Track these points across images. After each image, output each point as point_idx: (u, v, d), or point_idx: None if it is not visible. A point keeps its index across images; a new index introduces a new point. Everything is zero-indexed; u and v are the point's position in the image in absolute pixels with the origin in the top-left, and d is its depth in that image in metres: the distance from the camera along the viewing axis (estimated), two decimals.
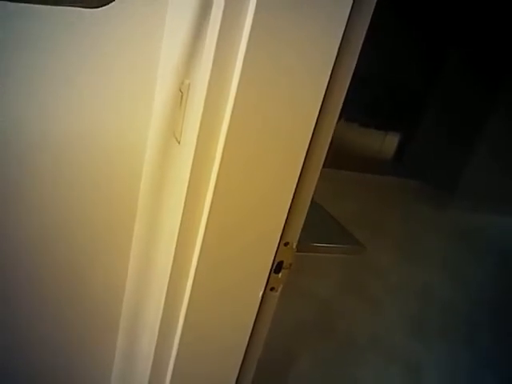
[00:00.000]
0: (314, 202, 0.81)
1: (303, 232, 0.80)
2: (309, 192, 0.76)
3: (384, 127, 5.44)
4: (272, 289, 0.82)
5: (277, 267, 0.80)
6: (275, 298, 0.84)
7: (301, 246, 0.81)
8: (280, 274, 0.81)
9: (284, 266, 0.80)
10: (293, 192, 0.73)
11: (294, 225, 0.77)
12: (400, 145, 5.65)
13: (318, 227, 1.30)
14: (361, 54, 0.68)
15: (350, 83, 0.70)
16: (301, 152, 0.70)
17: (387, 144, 5.59)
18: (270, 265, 0.79)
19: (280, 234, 0.76)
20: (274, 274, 0.80)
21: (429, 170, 5.29)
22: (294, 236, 0.79)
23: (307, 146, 0.69)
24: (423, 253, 3.57)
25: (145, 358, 0.88)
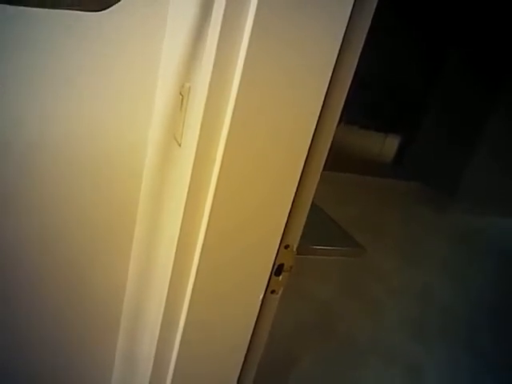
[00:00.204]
0: (315, 205, 0.81)
1: (303, 234, 0.80)
2: (309, 194, 0.76)
3: (384, 129, 5.43)
4: (272, 291, 0.82)
5: (277, 270, 0.80)
6: (276, 300, 0.84)
7: (301, 249, 0.81)
8: (280, 277, 0.81)
9: (284, 268, 0.80)
10: (293, 195, 0.73)
11: (294, 227, 0.77)
12: (400, 147, 5.64)
13: (318, 230, 1.30)
14: (361, 55, 0.68)
15: (351, 84, 0.70)
16: (301, 154, 0.70)
17: (387, 146, 5.58)
18: (271, 267, 0.79)
19: (280, 236, 0.76)
20: (274, 276, 0.80)
21: (429, 173, 5.29)
22: (295, 239, 0.79)
23: (307, 149, 0.69)
24: (424, 255, 3.56)
25: (145, 359, 0.88)
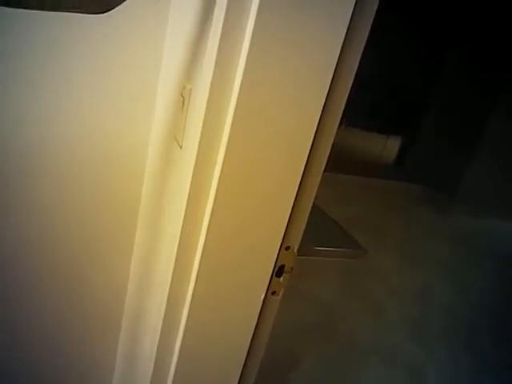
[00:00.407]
0: (316, 206, 0.81)
1: (305, 236, 0.80)
2: (310, 196, 0.76)
3: (385, 131, 5.43)
4: (273, 293, 0.82)
5: (278, 271, 0.80)
6: (277, 301, 0.84)
7: (302, 250, 0.81)
8: (281, 278, 0.81)
9: (285, 269, 0.80)
10: (294, 196, 0.73)
11: (295, 229, 0.77)
12: (401, 149, 5.64)
13: (319, 231, 1.30)
14: (362, 55, 0.68)
15: (352, 85, 0.70)
16: (302, 156, 0.70)
17: (389, 148, 5.58)
18: (272, 269, 0.78)
19: (281, 238, 0.76)
20: (275, 277, 0.80)
21: (430, 174, 5.29)
22: (296, 240, 0.79)
23: (309, 150, 0.69)
24: (424, 256, 3.57)
25: (146, 360, 0.88)
